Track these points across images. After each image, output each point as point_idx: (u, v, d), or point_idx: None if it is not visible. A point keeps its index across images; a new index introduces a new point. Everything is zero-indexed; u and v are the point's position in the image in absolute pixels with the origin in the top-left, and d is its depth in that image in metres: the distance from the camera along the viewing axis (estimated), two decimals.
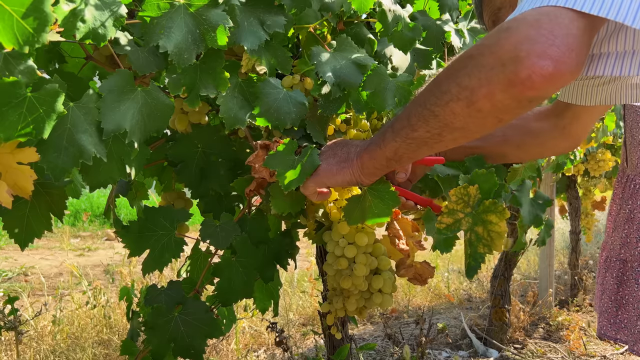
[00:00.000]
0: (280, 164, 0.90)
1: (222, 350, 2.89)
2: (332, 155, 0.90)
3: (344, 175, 0.88)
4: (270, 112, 0.92)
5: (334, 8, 1.00)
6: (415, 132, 0.75)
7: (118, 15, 0.75)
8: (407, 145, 0.78)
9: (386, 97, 1.00)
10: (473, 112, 0.67)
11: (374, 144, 0.83)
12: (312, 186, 0.90)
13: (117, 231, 1.00)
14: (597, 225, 5.01)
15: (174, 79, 0.83)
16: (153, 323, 0.94)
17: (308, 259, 4.92)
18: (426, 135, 0.74)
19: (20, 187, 0.71)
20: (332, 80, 0.93)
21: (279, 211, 0.95)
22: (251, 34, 0.88)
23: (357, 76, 0.96)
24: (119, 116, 0.75)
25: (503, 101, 0.64)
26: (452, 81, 0.68)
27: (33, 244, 0.94)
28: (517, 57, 0.61)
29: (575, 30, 0.61)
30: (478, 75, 0.64)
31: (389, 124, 0.81)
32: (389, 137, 0.79)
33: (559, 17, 0.61)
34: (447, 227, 0.94)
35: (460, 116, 0.69)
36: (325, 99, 0.99)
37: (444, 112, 0.70)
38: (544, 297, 3.73)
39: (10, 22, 0.61)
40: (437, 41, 1.24)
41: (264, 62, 0.91)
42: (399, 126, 0.77)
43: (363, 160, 0.85)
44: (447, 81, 0.69)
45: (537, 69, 0.60)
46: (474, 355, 3.07)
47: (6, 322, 2.22)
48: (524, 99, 0.63)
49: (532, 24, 0.62)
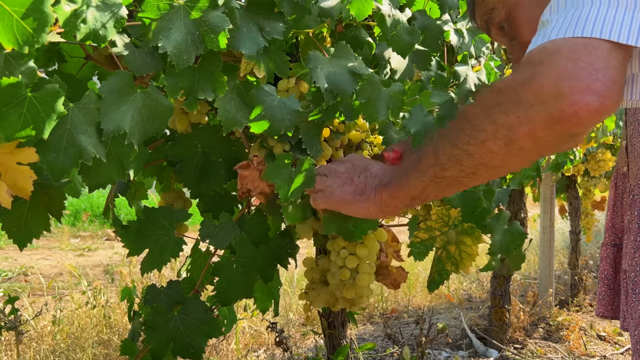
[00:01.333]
0: (278, 176, 0.91)
1: (222, 350, 2.89)
2: (349, 182, 0.87)
3: (358, 209, 0.86)
4: (265, 120, 0.92)
5: (332, 14, 1.00)
6: (446, 171, 0.71)
7: (119, 16, 0.75)
8: (436, 185, 0.74)
9: (379, 107, 1.00)
10: (513, 150, 0.64)
11: (395, 182, 0.80)
12: (322, 205, 0.90)
13: (116, 231, 1.00)
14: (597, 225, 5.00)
15: (172, 82, 0.83)
16: (152, 322, 0.94)
17: None
18: (459, 175, 0.71)
19: (20, 188, 0.72)
20: (325, 87, 0.94)
21: (291, 222, 0.97)
22: (250, 40, 0.89)
23: (351, 84, 0.96)
24: (118, 117, 0.76)
25: (545, 138, 0.62)
26: (486, 118, 0.65)
27: (33, 244, 0.95)
28: (560, 94, 0.58)
29: (614, 61, 0.60)
30: (516, 113, 0.62)
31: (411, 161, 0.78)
32: (413, 177, 0.76)
33: (597, 49, 0.60)
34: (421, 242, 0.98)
35: (498, 155, 0.66)
36: (316, 105, 0.99)
37: (480, 151, 0.66)
38: (544, 297, 3.74)
39: (10, 23, 0.61)
40: (435, 41, 1.24)
41: (262, 66, 0.92)
42: (425, 165, 0.73)
43: (382, 197, 0.82)
44: (480, 118, 0.66)
45: (583, 105, 0.58)
46: (474, 355, 3.07)
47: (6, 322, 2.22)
48: (567, 135, 0.61)
49: (568, 57, 0.60)
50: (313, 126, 1.00)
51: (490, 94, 0.66)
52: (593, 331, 3.45)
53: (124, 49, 0.81)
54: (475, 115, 0.67)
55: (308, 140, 0.98)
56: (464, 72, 1.44)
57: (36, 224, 0.91)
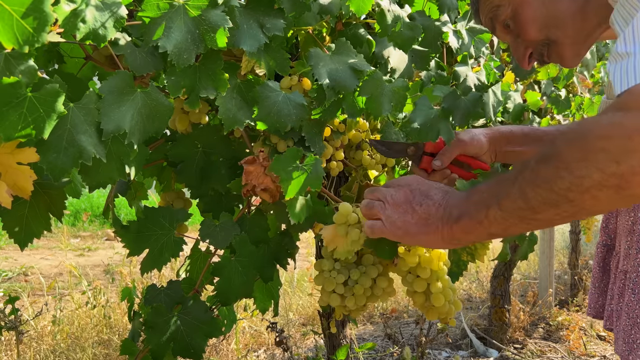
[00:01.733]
0: (283, 169, 0.90)
1: (222, 350, 2.89)
2: (411, 211, 0.81)
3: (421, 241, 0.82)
4: (271, 116, 0.92)
5: (332, 11, 1.00)
6: (539, 214, 0.68)
7: (118, 16, 0.75)
8: (526, 225, 0.71)
9: (383, 102, 1.00)
10: (625, 198, 0.62)
11: (469, 217, 0.75)
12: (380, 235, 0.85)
13: (117, 231, 1.00)
14: (597, 225, 5.01)
15: (173, 81, 0.83)
16: (152, 322, 0.94)
17: (308, 259, 4.93)
18: (555, 218, 0.68)
19: (20, 188, 0.72)
20: (327, 84, 0.94)
21: (296, 220, 0.96)
22: (250, 37, 0.89)
23: (353, 81, 0.97)
24: (118, 117, 0.76)
25: None
26: (591, 165, 0.61)
27: (33, 244, 0.95)
28: None
29: None
30: (630, 162, 0.59)
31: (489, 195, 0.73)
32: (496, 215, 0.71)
33: None
34: None
35: (605, 202, 0.63)
36: (319, 103, 0.99)
37: (583, 198, 0.63)
38: (543, 297, 3.74)
39: (10, 22, 0.61)
40: (434, 42, 1.25)
41: (263, 64, 0.92)
42: (511, 206, 0.69)
43: (454, 233, 0.77)
44: (582, 165, 0.62)
45: None
46: (474, 355, 3.07)
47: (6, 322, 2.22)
48: None
49: None
50: (316, 124, 1.01)
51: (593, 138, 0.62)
52: (593, 331, 3.45)
53: (124, 49, 0.81)
54: (576, 160, 0.63)
55: (311, 137, 0.99)
56: (463, 73, 1.44)
57: (37, 224, 0.91)
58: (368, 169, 1.16)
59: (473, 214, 0.74)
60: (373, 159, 1.15)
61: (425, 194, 0.82)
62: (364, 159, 1.14)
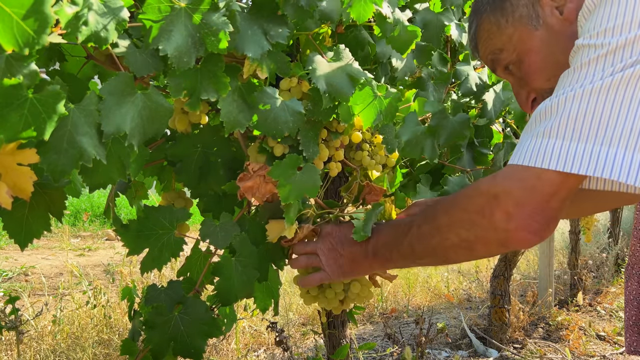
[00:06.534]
0: (282, 175, 0.93)
1: (222, 349, 2.89)
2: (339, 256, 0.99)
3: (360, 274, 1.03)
4: (268, 122, 0.93)
5: (333, 17, 1.01)
6: (420, 259, 0.89)
7: (120, 18, 0.75)
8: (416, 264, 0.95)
9: (372, 113, 1.04)
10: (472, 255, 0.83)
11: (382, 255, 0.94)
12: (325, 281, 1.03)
13: (117, 230, 1.01)
14: (597, 225, 5.01)
15: (175, 83, 0.83)
16: (153, 322, 0.94)
17: None
18: (430, 262, 0.91)
19: (20, 188, 0.72)
20: (324, 89, 0.94)
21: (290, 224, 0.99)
22: (254, 43, 0.89)
23: (349, 88, 0.98)
24: (119, 119, 0.76)
25: (496, 251, 0.82)
26: (453, 232, 0.81)
27: (33, 244, 0.95)
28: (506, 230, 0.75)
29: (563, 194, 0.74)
30: (475, 233, 0.78)
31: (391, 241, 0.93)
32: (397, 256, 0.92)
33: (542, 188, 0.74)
34: None
35: (461, 256, 0.84)
36: (314, 106, 0.99)
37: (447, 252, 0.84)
38: (543, 297, 3.74)
39: (10, 24, 0.61)
40: (437, 36, 1.25)
41: (265, 68, 0.92)
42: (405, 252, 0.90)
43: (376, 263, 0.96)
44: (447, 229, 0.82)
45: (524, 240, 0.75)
46: (474, 355, 3.08)
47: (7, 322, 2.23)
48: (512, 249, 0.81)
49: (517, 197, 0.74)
50: (311, 127, 1.01)
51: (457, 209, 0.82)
52: (592, 331, 3.45)
53: (125, 50, 0.81)
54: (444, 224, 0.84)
55: (305, 142, 0.99)
56: (465, 72, 1.45)
57: (37, 224, 0.91)
58: (368, 169, 1.16)
59: (384, 253, 0.94)
60: (373, 160, 1.15)
61: (343, 239, 0.99)
62: (364, 159, 1.14)
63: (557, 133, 0.71)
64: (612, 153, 0.67)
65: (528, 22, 0.91)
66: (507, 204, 0.73)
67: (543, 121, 0.74)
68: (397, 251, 0.91)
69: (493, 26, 0.94)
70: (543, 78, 0.92)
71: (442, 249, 0.83)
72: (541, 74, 0.92)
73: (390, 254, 0.92)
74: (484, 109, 1.48)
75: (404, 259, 0.91)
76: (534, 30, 0.90)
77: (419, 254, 0.87)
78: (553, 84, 0.90)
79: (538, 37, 0.90)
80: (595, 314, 3.87)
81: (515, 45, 0.93)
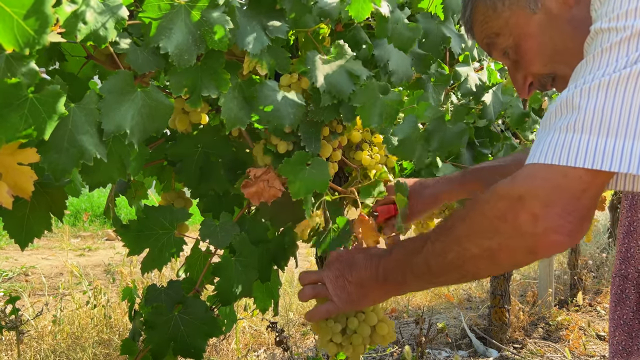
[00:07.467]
0: (292, 172, 0.94)
1: (222, 349, 2.89)
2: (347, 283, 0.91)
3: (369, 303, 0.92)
4: (270, 115, 0.93)
5: (332, 14, 1.01)
6: (438, 278, 0.81)
7: (119, 17, 0.75)
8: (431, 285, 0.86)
9: (372, 114, 1.02)
10: (495, 267, 0.74)
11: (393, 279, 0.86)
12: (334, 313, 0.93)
13: (117, 230, 1.01)
14: (597, 225, 5.01)
15: (175, 80, 0.83)
16: (153, 322, 0.94)
17: (308, 258, 4.93)
18: (449, 280, 0.82)
19: (21, 188, 0.72)
20: (324, 88, 0.94)
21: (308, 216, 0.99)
22: (254, 39, 0.90)
23: (349, 86, 0.97)
24: (119, 117, 0.76)
25: (523, 260, 0.72)
26: (472, 242, 0.73)
27: (33, 244, 0.95)
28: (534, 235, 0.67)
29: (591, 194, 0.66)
30: (498, 241, 0.70)
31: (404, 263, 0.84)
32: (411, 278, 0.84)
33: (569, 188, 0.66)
34: None
35: (483, 269, 0.76)
36: (316, 105, 0.99)
37: (467, 265, 0.75)
38: (543, 297, 3.74)
39: (10, 24, 0.61)
40: (436, 46, 1.25)
41: (264, 64, 0.92)
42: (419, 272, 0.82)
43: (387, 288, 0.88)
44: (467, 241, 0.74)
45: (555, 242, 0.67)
46: (474, 354, 3.08)
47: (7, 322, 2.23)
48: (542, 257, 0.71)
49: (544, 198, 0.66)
50: (313, 125, 1.01)
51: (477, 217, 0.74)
52: (592, 331, 3.45)
53: (126, 47, 0.81)
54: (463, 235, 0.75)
55: (307, 137, 0.99)
56: (465, 73, 1.45)
57: (38, 224, 0.91)
58: (368, 169, 1.16)
59: (396, 277, 0.86)
60: (373, 159, 1.15)
61: (350, 264, 0.92)
62: (364, 159, 1.14)
63: (583, 127, 0.64)
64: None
65: (526, 5, 0.86)
66: (532, 205, 0.66)
67: (564, 115, 0.67)
68: (411, 272, 0.83)
69: (489, 9, 0.90)
70: (540, 63, 0.89)
71: (461, 262, 0.75)
72: (539, 59, 0.89)
73: (403, 277, 0.84)
74: (483, 110, 1.48)
75: (419, 279, 0.83)
76: (532, 14, 0.86)
77: (436, 271, 0.79)
78: (551, 69, 0.89)
79: (536, 22, 0.86)
80: (595, 314, 3.87)
81: (511, 29, 0.89)
